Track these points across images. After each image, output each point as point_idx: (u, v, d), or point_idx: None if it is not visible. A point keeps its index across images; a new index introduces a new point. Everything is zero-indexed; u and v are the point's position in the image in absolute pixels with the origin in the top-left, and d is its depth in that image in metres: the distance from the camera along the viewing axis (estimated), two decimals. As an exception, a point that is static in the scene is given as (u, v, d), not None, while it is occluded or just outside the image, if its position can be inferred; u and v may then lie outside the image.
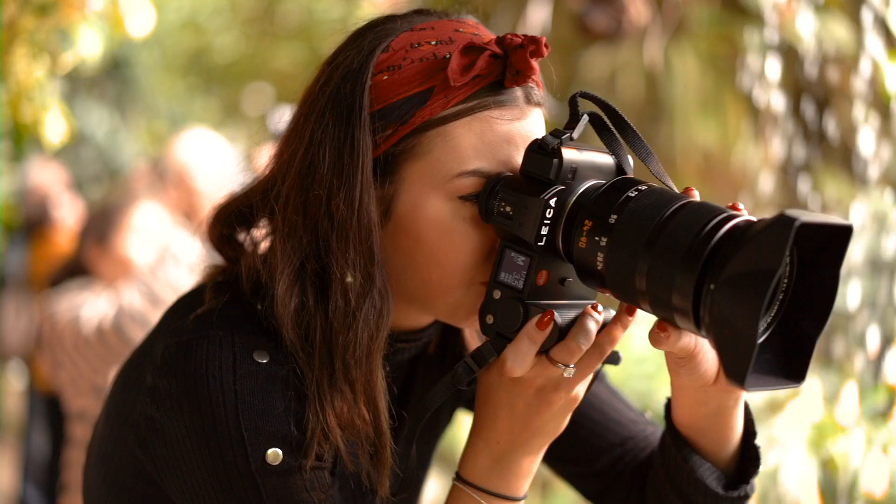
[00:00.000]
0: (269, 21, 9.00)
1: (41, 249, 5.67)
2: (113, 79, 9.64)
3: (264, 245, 1.27)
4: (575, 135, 1.19)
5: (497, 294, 1.19)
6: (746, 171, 5.32)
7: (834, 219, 1.06)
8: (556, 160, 1.16)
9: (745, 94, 4.46)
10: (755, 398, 3.88)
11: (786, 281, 1.11)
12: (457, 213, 1.20)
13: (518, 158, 1.20)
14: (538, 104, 1.24)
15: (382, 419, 1.20)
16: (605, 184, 1.19)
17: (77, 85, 9.14)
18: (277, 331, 1.18)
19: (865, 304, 4.05)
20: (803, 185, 4.50)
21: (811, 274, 1.10)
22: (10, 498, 5.93)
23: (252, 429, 1.16)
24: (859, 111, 3.18)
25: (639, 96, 5.68)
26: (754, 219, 1.09)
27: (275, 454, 1.16)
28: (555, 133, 1.18)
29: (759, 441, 1.32)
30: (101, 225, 3.62)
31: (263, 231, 1.29)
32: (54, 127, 3.57)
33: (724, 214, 1.10)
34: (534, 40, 1.18)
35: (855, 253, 4.09)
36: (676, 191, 1.18)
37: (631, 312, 1.18)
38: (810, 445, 3.13)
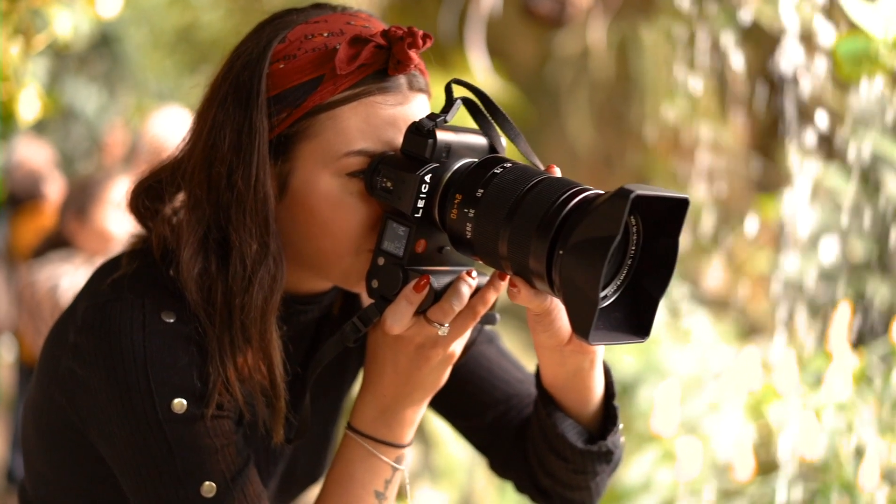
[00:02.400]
0: (256, -3, 9.07)
1: (32, 224, 5.79)
2: (102, 56, 9.74)
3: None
4: (448, 118, 1.31)
5: (381, 261, 1.32)
6: (714, 147, 5.44)
7: (670, 192, 1.18)
8: (430, 140, 1.29)
9: (711, 72, 4.57)
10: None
11: (633, 248, 1.24)
12: (345, 189, 1.33)
13: (400, 139, 1.33)
14: (421, 90, 1.37)
15: (277, 373, 1.33)
16: (475, 162, 1.32)
17: (66, 62, 9.24)
18: (183, 293, 1.32)
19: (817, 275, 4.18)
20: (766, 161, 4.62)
21: (655, 242, 1.23)
22: (1, 470, 6.05)
23: (159, 381, 1.29)
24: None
25: (610, 74, 5.79)
26: (602, 192, 1.22)
27: (180, 404, 1.29)
28: (430, 116, 1.31)
29: (698, 407, 1.44)
30: (80, 198, 3.76)
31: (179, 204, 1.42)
32: (29, 105, 3.69)
33: (577, 188, 1.23)
34: (412, 33, 1.31)
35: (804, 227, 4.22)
36: (541, 168, 1.31)
37: (502, 278, 1.31)
38: (748, 411, 3.27)
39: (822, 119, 3.24)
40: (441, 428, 4.32)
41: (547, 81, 6.22)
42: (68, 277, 3.47)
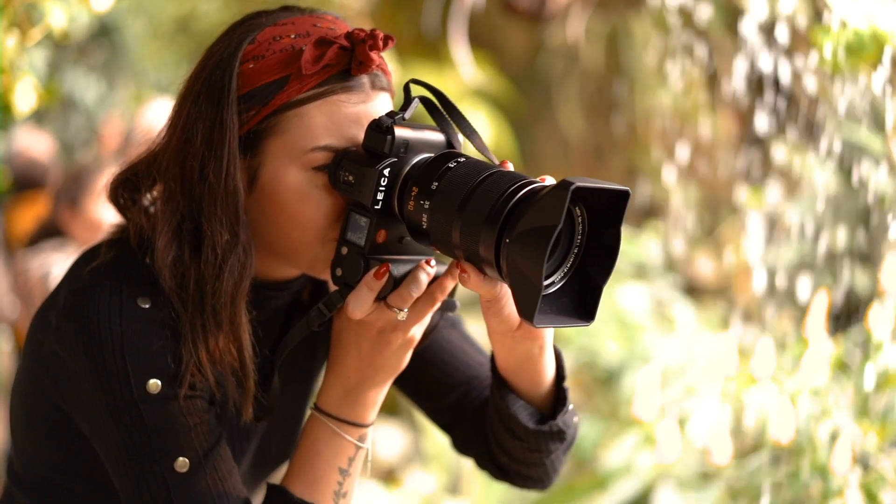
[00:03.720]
0: (253, -12, 9.12)
1: (33, 212, 5.87)
2: (101, 46, 9.82)
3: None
4: (406, 115, 1.39)
5: (344, 250, 1.40)
6: (706, 138, 5.51)
7: (611, 184, 1.26)
8: (389, 137, 1.37)
9: (701, 63, 4.64)
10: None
11: (579, 237, 1.31)
12: (311, 182, 1.41)
13: (362, 135, 1.41)
14: (383, 89, 1.44)
15: (246, 355, 1.41)
16: (432, 156, 1.40)
17: (65, 52, 9.31)
18: (158, 280, 1.40)
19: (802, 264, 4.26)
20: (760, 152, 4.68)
21: (599, 232, 1.31)
22: (3, 454, 6.15)
23: (135, 363, 1.37)
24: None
25: (600, 66, 5.86)
26: (548, 184, 1.30)
27: (155, 384, 1.37)
28: (389, 114, 1.39)
29: (679, 392, 1.50)
30: (72, 189, 3.84)
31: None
32: (25, 96, 3.76)
33: (524, 181, 1.31)
34: (373, 36, 1.39)
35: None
36: (495, 163, 1.39)
37: (464, 269, 1.38)
38: (725, 396, 3.35)
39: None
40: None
41: (538, 73, 6.29)
42: (59, 266, 3.56)
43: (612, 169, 6.12)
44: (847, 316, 3.61)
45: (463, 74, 4.54)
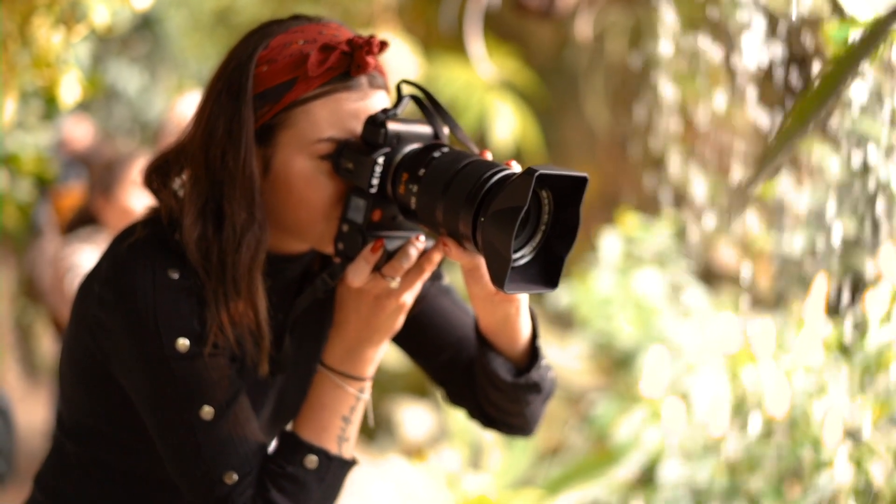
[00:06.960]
0: (291, -20, 9.32)
1: (73, 200, 6.12)
2: (143, 38, 10.09)
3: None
4: (398, 111, 1.61)
5: (345, 228, 1.62)
6: (728, 131, 5.65)
7: (571, 171, 1.47)
8: (383, 130, 1.59)
9: (724, 57, 4.79)
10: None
11: (546, 217, 1.52)
12: (317, 169, 1.62)
13: (361, 129, 1.62)
14: (379, 87, 1.66)
15: (262, 318, 1.63)
16: (420, 147, 1.61)
17: (109, 44, 9.59)
18: (185, 254, 1.62)
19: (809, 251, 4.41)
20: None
21: (563, 212, 1.52)
22: (45, 434, 6.40)
23: (165, 325, 1.59)
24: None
25: (625, 57, 6.03)
26: (515, 170, 1.51)
27: (183, 343, 1.59)
28: (384, 110, 1.60)
29: (680, 369, 1.68)
30: (106, 178, 4.04)
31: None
32: (70, 89, 4.00)
33: (498, 168, 1.52)
34: (369, 42, 1.60)
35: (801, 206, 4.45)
36: (476, 152, 1.60)
37: (445, 242, 1.60)
38: (724, 372, 3.54)
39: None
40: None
41: (564, 66, 6.47)
42: (85, 256, 3.79)
43: (636, 159, 6.28)
44: (851, 299, 3.77)
45: (480, 71, 4.72)
